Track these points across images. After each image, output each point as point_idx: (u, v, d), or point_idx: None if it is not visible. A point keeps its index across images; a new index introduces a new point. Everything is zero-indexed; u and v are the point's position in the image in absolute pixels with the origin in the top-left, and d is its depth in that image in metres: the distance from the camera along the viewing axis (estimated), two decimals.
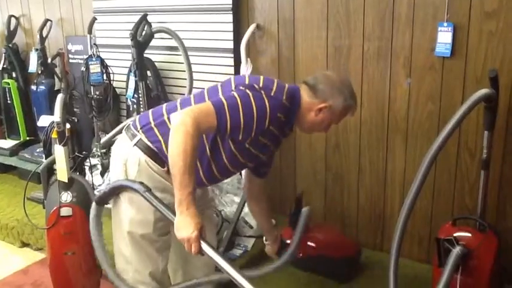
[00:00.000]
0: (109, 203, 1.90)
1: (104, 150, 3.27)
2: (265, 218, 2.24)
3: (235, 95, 1.69)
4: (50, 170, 2.54)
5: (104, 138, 2.94)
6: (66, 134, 2.30)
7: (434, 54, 2.37)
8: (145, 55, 3.15)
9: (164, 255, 1.90)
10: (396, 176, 2.64)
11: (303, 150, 2.93)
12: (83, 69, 3.33)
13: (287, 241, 2.28)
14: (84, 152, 2.52)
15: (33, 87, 3.93)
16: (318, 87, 1.80)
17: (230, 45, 3.00)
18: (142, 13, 3.10)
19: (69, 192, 2.32)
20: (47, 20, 3.89)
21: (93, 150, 3.41)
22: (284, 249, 2.19)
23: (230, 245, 2.71)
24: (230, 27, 2.97)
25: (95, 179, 3.08)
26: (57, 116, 2.28)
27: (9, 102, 4.10)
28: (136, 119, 1.88)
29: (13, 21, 4.18)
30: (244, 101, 1.67)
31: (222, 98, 1.67)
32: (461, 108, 1.76)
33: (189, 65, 3.03)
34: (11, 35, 4.15)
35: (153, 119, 1.81)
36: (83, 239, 2.28)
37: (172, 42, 3.11)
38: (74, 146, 2.44)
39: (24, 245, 3.24)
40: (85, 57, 3.40)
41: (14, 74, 4.13)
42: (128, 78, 3.27)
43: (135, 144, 1.78)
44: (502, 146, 2.31)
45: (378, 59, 2.55)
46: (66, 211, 2.30)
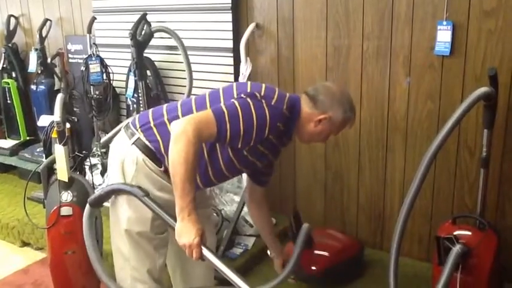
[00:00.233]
0: (107, 202, 1.91)
1: (104, 150, 3.27)
2: (267, 228, 2.22)
3: (235, 103, 1.69)
4: (50, 170, 2.54)
5: (104, 138, 2.94)
6: (66, 134, 2.30)
7: (434, 53, 2.37)
8: (144, 54, 3.15)
9: (161, 253, 1.91)
10: (396, 175, 2.65)
11: (302, 149, 2.93)
12: (83, 68, 3.33)
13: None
14: (84, 152, 2.53)
15: (33, 87, 3.92)
16: (318, 98, 1.81)
17: (229, 44, 3.00)
18: (142, 12, 3.09)
19: (69, 191, 2.32)
20: (46, 20, 3.88)
21: (93, 149, 3.41)
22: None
23: (230, 244, 2.72)
24: (229, 27, 2.97)
25: (95, 179, 3.08)
26: (57, 116, 2.28)
27: (9, 102, 4.09)
28: (136, 118, 1.88)
29: (12, 20, 4.17)
30: (245, 109, 1.68)
31: (223, 107, 1.68)
32: (460, 106, 1.76)
33: (188, 64, 3.03)
34: (10, 34, 4.14)
35: (152, 119, 1.81)
36: (83, 238, 2.27)
37: (172, 42, 3.11)
38: (74, 146, 2.45)
39: (24, 244, 3.24)
40: (85, 56, 3.39)
41: (13, 74, 4.12)
42: (128, 78, 3.27)
43: (133, 142, 1.79)
44: (502, 145, 2.32)
45: (377, 58, 2.55)
46: (66, 210, 2.30)
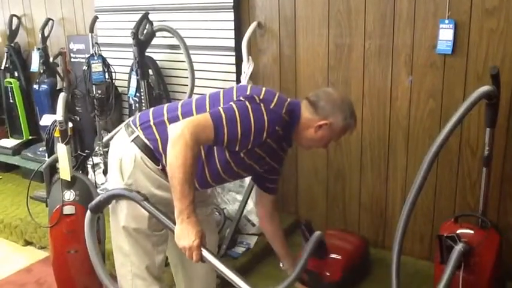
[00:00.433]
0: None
1: (106, 149, 3.27)
2: (279, 239, 2.18)
3: (234, 107, 1.69)
4: (53, 169, 2.54)
5: (106, 137, 2.95)
6: (69, 133, 2.30)
7: (436, 52, 2.37)
8: (146, 54, 3.14)
9: (160, 250, 1.92)
10: (398, 174, 2.65)
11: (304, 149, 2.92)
12: (85, 68, 3.33)
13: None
14: (86, 151, 2.53)
15: (35, 87, 3.93)
16: (319, 104, 1.81)
17: (231, 43, 3.00)
18: (144, 12, 3.10)
19: (71, 190, 2.33)
20: (48, 19, 3.89)
21: (96, 148, 3.42)
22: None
23: (232, 242, 2.72)
24: (231, 26, 2.97)
25: (98, 178, 3.09)
26: (59, 115, 2.28)
27: (11, 101, 4.09)
28: (137, 116, 1.89)
29: (15, 20, 4.18)
30: (243, 113, 1.68)
31: (221, 110, 1.68)
32: (462, 105, 1.76)
33: (190, 63, 3.03)
34: (12, 34, 4.15)
35: (152, 118, 1.83)
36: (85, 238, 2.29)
37: (174, 41, 3.11)
38: (76, 145, 2.46)
39: (27, 243, 3.25)
40: (87, 56, 3.41)
41: (16, 74, 4.13)
42: (130, 77, 3.28)
43: (132, 140, 1.80)
44: (504, 143, 2.32)
45: (379, 57, 2.55)
46: (69, 209, 2.31)
